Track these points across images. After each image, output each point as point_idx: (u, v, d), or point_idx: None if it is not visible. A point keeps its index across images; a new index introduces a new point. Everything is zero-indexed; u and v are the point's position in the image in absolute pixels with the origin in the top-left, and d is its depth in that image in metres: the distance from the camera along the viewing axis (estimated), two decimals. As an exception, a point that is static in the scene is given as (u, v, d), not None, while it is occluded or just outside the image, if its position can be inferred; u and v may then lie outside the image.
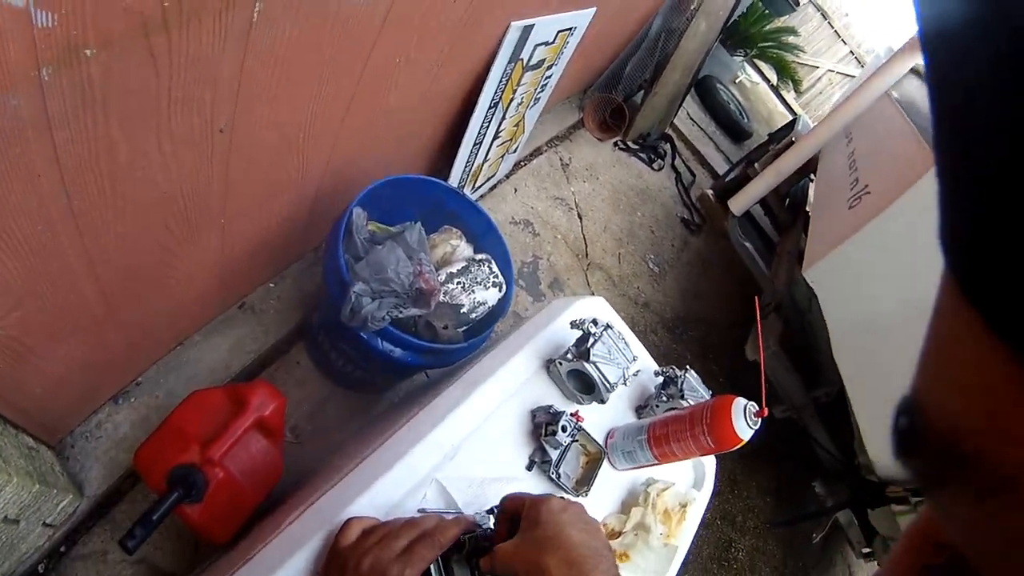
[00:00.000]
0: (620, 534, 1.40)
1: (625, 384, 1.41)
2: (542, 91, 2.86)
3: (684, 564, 1.47)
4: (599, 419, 1.48)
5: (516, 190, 3.36)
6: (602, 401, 1.40)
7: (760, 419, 1.23)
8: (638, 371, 1.46)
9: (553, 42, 2.52)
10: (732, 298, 4.13)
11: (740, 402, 1.23)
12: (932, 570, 0.39)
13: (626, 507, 1.45)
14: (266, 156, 1.61)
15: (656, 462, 1.38)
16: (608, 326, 1.41)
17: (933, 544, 0.39)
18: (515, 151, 3.16)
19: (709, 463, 1.68)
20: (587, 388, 1.39)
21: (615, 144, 4.34)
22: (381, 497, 1.09)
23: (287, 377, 2.32)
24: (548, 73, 2.76)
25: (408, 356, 1.83)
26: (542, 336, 1.47)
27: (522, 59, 2.34)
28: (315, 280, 2.47)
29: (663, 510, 1.46)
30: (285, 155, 1.69)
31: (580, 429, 1.37)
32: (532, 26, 2.22)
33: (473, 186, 2.93)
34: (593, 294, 2.48)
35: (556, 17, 2.39)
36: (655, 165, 4.57)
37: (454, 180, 2.62)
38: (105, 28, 0.88)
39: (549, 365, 1.43)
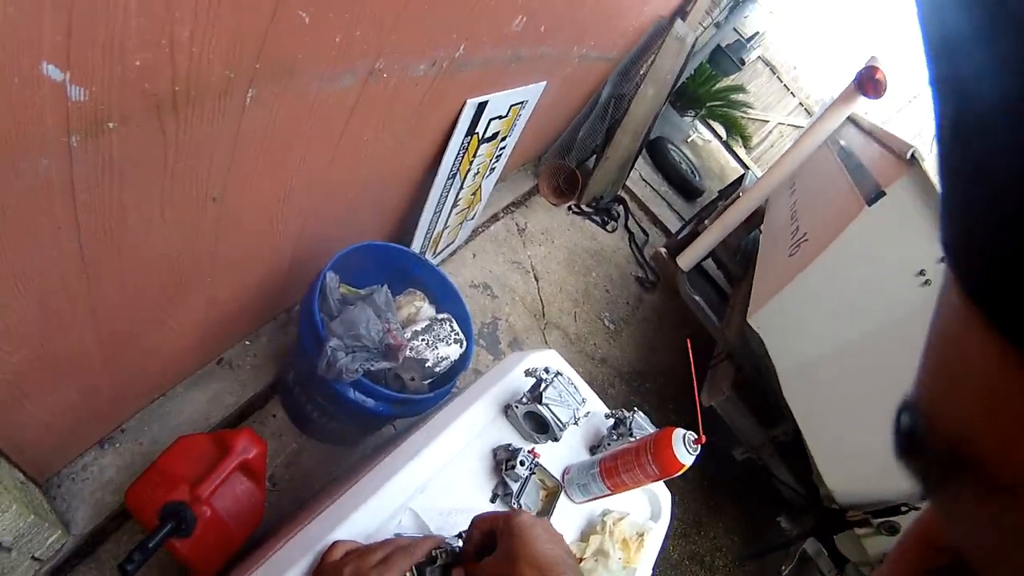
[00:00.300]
0: (581, 560, 1.52)
1: (576, 423, 1.55)
2: (497, 161, 2.99)
3: None
4: (556, 458, 1.62)
5: (475, 255, 3.50)
6: (555, 439, 1.54)
7: (699, 446, 1.36)
8: (588, 412, 1.60)
9: (506, 115, 2.67)
10: (687, 336, 4.19)
11: (679, 432, 1.37)
12: (933, 573, 0.39)
13: (585, 536, 1.57)
14: (250, 223, 1.76)
15: (609, 492, 1.51)
16: (559, 373, 1.56)
17: (934, 547, 0.40)
18: (473, 218, 3.29)
19: (664, 496, 1.83)
20: (542, 428, 1.54)
21: (569, 208, 4.48)
22: (359, 526, 1.20)
23: (263, 429, 2.43)
24: (502, 144, 2.90)
25: (379, 406, 1.98)
26: (500, 385, 1.62)
27: (477, 133, 2.48)
28: (289, 338, 2.60)
29: (621, 539, 1.59)
30: (266, 223, 1.84)
31: (537, 464, 1.51)
32: (486, 102, 2.37)
33: (434, 252, 3.06)
34: (550, 349, 2.59)
35: (509, 92, 2.54)
36: (608, 227, 4.72)
37: (416, 246, 2.76)
38: (127, 105, 1.04)
39: (507, 410, 1.58)
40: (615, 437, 1.68)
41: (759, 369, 2.96)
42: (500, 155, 2.98)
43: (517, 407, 1.53)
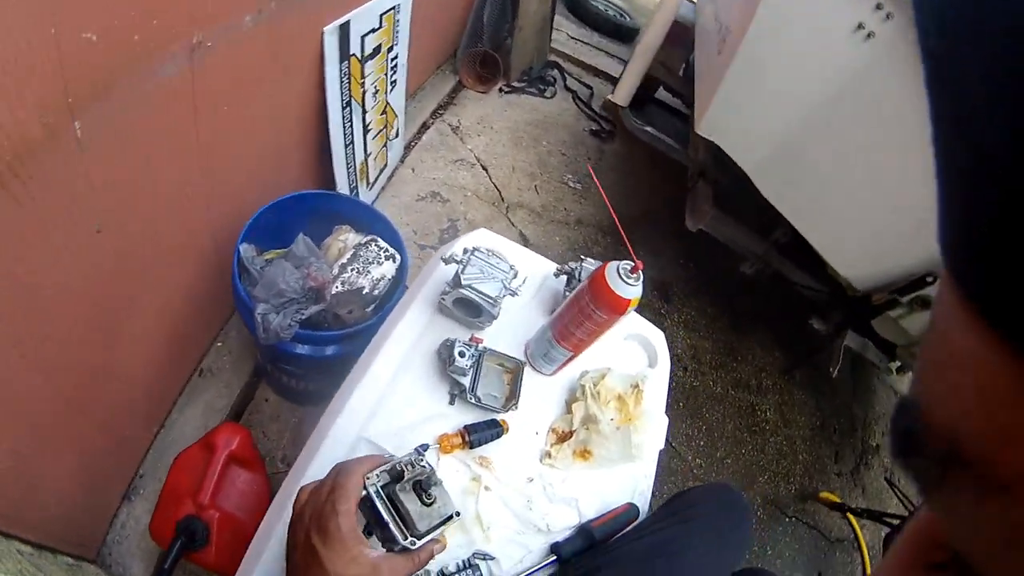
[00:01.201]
0: (571, 434, 1.49)
1: (514, 294, 1.49)
2: (395, 73, 2.90)
3: (667, 441, 1.55)
4: (515, 335, 1.58)
5: (414, 169, 3.43)
6: (493, 316, 1.48)
7: (638, 273, 1.28)
8: (524, 278, 1.54)
9: (381, 26, 2.56)
10: (664, 184, 4.16)
11: (612, 265, 1.29)
12: (934, 569, 0.39)
13: (570, 407, 1.53)
14: (152, 233, 1.72)
15: (573, 353, 1.46)
16: (475, 250, 1.49)
17: (935, 543, 0.40)
18: (397, 136, 3.21)
19: (655, 337, 1.80)
20: (476, 311, 1.48)
21: (500, 90, 4.38)
22: (322, 469, 1.14)
23: (261, 417, 2.44)
24: (392, 55, 2.80)
25: (329, 349, 2.00)
26: (428, 284, 1.57)
27: (354, 55, 2.40)
28: (249, 324, 2.56)
29: (614, 396, 1.55)
30: (171, 225, 1.81)
31: (485, 350, 1.47)
32: (347, 22, 2.27)
33: (367, 183, 3.00)
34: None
35: (371, 3, 2.43)
36: (547, 94, 4.60)
37: (342, 184, 2.70)
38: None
39: (440, 307, 1.52)
40: (567, 294, 1.59)
41: (735, 179, 2.86)
42: (395, 66, 2.88)
43: (444, 299, 1.48)
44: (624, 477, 1.52)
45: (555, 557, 1.34)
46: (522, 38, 4.39)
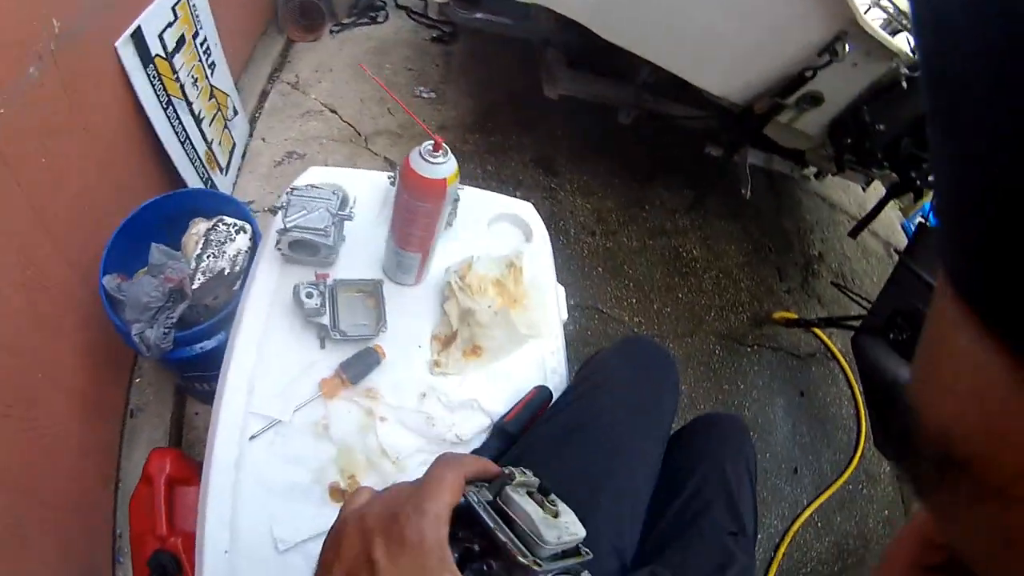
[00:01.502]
0: (455, 334, 1.42)
1: (348, 218, 1.43)
2: (209, 56, 2.76)
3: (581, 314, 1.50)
4: (371, 257, 1.51)
5: (264, 139, 3.31)
6: (331, 248, 1.40)
7: (442, 149, 1.21)
8: (353, 198, 1.48)
9: (176, 17, 2.43)
10: (518, 65, 4.04)
11: (414, 151, 1.21)
12: (931, 571, 0.39)
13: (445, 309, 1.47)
14: (22, 303, 1.67)
15: (421, 253, 1.39)
16: (293, 190, 1.40)
17: (932, 545, 0.40)
18: (236, 114, 3.08)
19: (523, 209, 1.74)
20: (315, 248, 1.40)
21: (331, 32, 4.22)
22: (225, 461, 1.18)
23: (198, 431, 2.40)
24: (200, 41, 2.66)
25: (210, 340, 1.96)
26: (269, 240, 1.47)
27: (157, 55, 2.28)
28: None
29: (490, 283, 1.49)
30: (28, 288, 1.72)
31: (336, 283, 1.39)
32: (138, 28, 2.15)
33: (221, 169, 2.89)
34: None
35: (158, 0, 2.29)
36: (379, 19, 4.44)
37: (193, 181, 2.59)
38: None
39: (285, 258, 1.44)
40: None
41: (581, 35, 2.78)
42: (208, 49, 2.74)
43: (280, 248, 1.40)
44: (528, 360, 1.46)
45: None
46: (337, -27, 4.24)
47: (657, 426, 1.35)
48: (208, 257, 1.98)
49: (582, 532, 0.79)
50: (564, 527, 0.76)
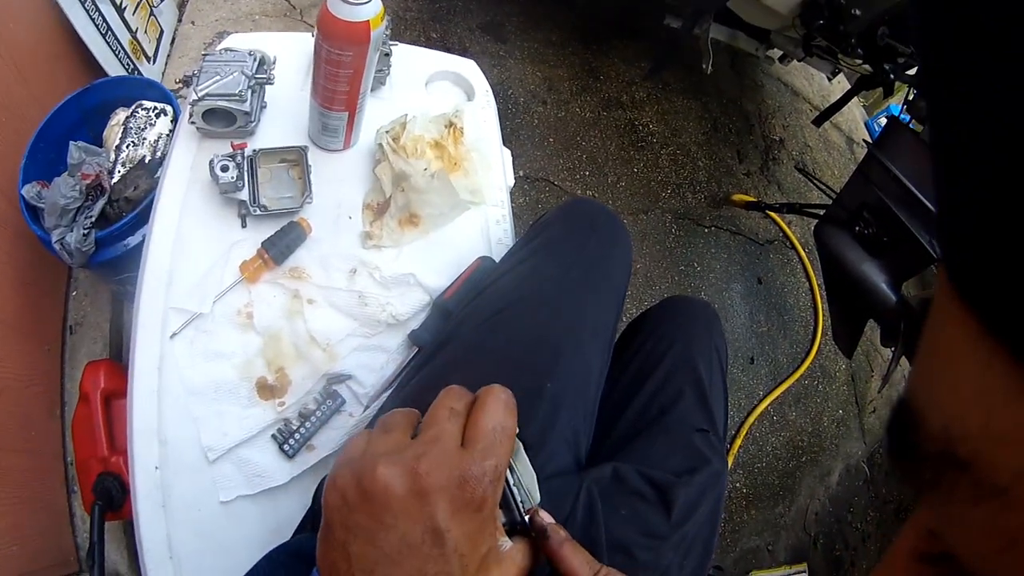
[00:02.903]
0: (389, 203, 1.32)
1: (268, 82, 1.30)
2: None
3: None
4: (297, 123, 1.38)
5: (194, 22, 3.12)
6: (247, 114, 1.27)
7: None
8: (272, 58, 1.33)
9: None
10: None
11: None
12: (929, 558, 0.37)
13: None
14: None
15: (347, 111, 1.26)
16: (205, 55, 1.28)
17: (932, 534, 0.37)
18: (162, 0, 2.89)
19: (467, 68, 1.62)
20: (231, 116, 1.27)
21: None
22: (147, 359, 1.11)
23: None
24: None
25: (135, 236, 1.82)
26: (184, 115, 1.33)
27: None
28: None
29: (427, 144, 1.37)
30: None
31: (256, 152, 1.26)
32: None
33: (149, 59, 2.74)
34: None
35: None
36: None
37: (115, 72, 2.44)
38: None
39: (201, 133, 1.31)
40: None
41: None
42: None
43: (194, 121, 1.26)
44: (470, 229, 1.37)
45: (417, 349, 1.19)
46: None
47: (609, 293, 1.23)
48: (128, 146, 1.87)
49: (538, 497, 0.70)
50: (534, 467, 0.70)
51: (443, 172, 1.31)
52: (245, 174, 1.20)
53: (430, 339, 1.17)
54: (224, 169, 1.17)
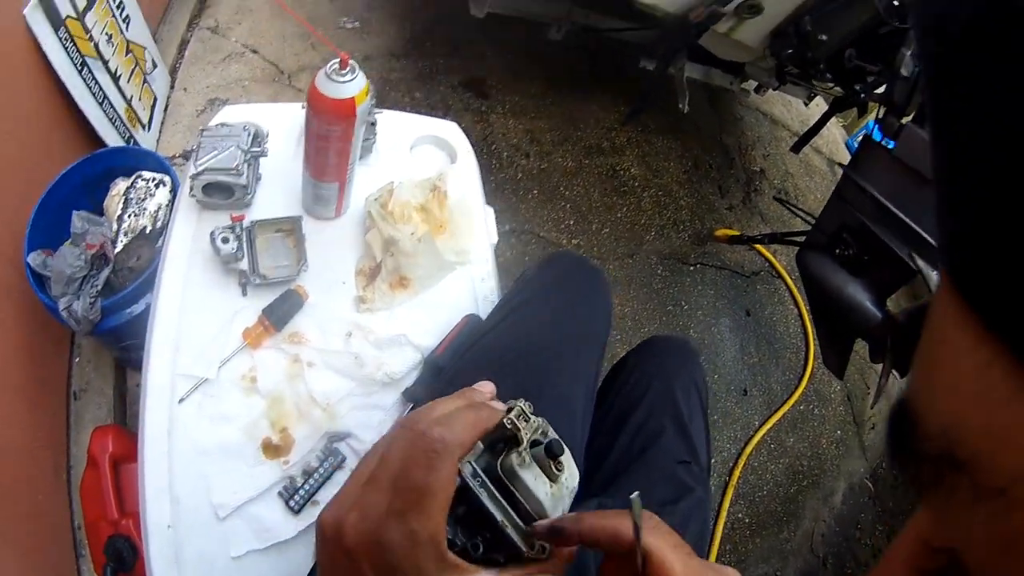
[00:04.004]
0: (380, 267, 1.37)
1: (262, 155, 1.37)
2: (123, 10, 2.64)
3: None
4: (292, 193, 1.45)
5: (186, 89, 3.19)
6: (245, 187, 1.34)
7: (348, 65, 1.14)
8: (266, 133, 1.39)
9: None
10: None
11: (320, 72, 1.15)
12: (928, 573, 0.39)
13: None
14: None
15: (337, 181, 1.33)
16: (203, 130, 1.35)
17: (931, 550, 0.40)
18: (155, 67, 2.97)
19: (449, 131, 1.68)
20: (230, 189, 1.34)
21: (252, -32, 4.08)
22: (155, 432, 1.15)
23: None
24: None
25: (138, 304, 1.85)
26: (184, 187, 1.40)
27: (68, 16, 2.19)
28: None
29: (414, 208, 1.44)
30: None
31: (253, 224, 1.32)
32: None
33: (144, 126, 2.80)
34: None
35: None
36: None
37: (115, 141, 2.50)
38: None
39: (201, 204, 1.38)
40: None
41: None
42: (121, 4, 2.61)
43: (195, 194, 1.33)
44: (458, 288, 1.43)
45: (412, 404, 1.25)
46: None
47: (590, 342, 1.29)
48: (129, 216, 1.92)
49: (577, 475, 0.73)
50: (566, 488, 0.71)
51: (429, 235, 1.38)
52: (244, 245, 1.27)
53: (423, 395, 1.23)
54: (225, 241, 1.24)
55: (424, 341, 1.32)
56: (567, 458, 0.71)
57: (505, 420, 0.67)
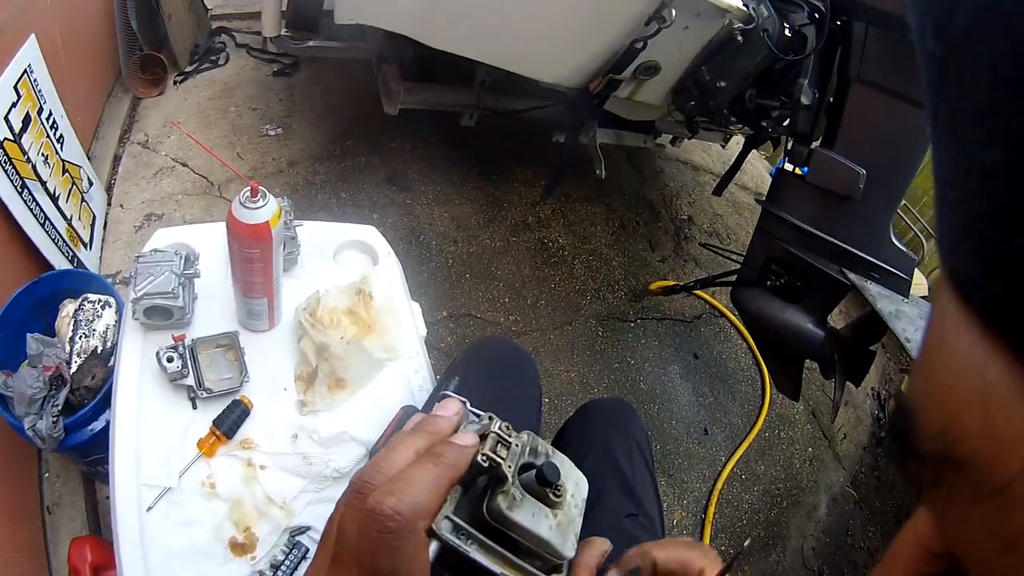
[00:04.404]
0: (316, 372, 1.45)
1: (196, 276, 1.45)
2: (57, 130, 2.73)
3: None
4: (229, 308, 1.52)
5: (123, 206, 3.27)
6: (182, 308, 1.41)
7: (259, 192, 1.23)
8: (198, 255, 1.48)
9: (19, 96, 2.41)
10: (359, 87, 4.05)
11: (235, 200, 1.24)
12: None
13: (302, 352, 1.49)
14: None
15: (266, 296, 1.42)
16: (138, 257, 1.42)
17: (928, 553, 0.40)
18: (91, 185, 3.04)
19: (368, 234, 1.77)
20: (169, 312, 1.41)
21: (175, 83, 4.16)
22: (129, 543, 1.20)
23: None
24: (46, 116, 2.64)
25: (99, 421, 1.94)
26: (128, 307, 1.46)
27: (5, 139, 2.26)
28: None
29: (341, 314, 1.53)
30: None
31: (195, 342, 1.41)
32: None
33: (85, 245, 2.86)
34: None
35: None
36: (220, 61, 4.40)
37: (60, 262, 2.57)
38: None
39: (144, 326, 1.45)
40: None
41: (411, 46, 2.82)
42: (54, 123, 2.71)
43: (137, 318, 1.41)
44: (393, 383, 1.51)
45: None
46: (176, 24, 4.15)
47: (522, 420, 1.27)
48: (80, 338, 1.99)
49: (584, 484, 0.70)
50: (574, 507, 0.66)
51: (356, 338, 1.48)
52: (188, 362, 1.35)
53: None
54: (169, 360, 1.33)
55: (366, 435, 1.40)
56: (567, 470, 0.67)
57: (480, 457, 0.61)
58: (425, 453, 0.62)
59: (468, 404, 0.71)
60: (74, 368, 1.93)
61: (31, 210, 2.40)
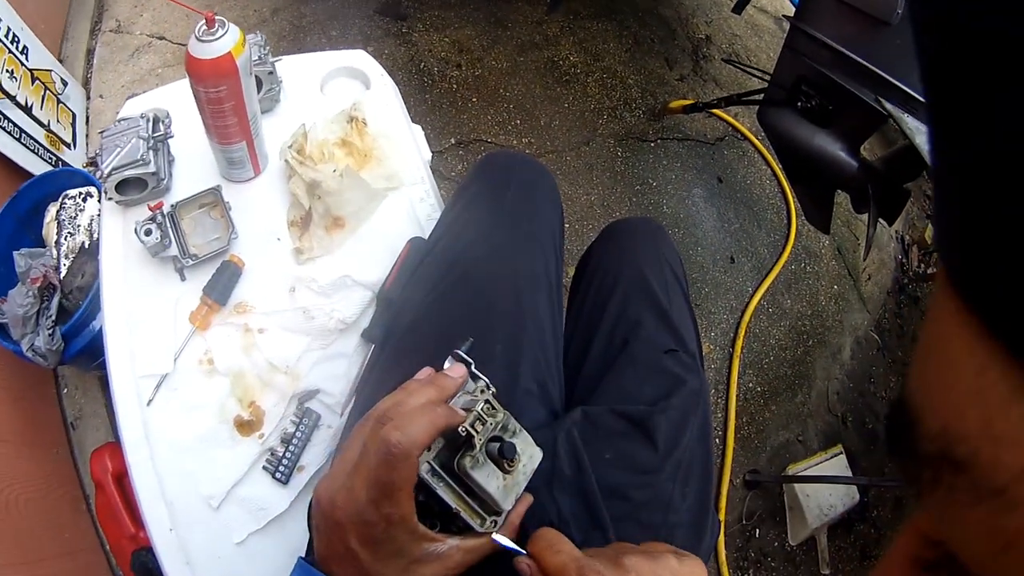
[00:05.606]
0: (310, 214, 1.33)
1: (168, 137, 1.34)
2: (18, 43, 2.58)
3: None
4: (211, 168, 1.41)
5: (102, 96, 3.15)
6: (156, 174, 1.30)
7: (214, 24, 1.09)
8: (167, 115, 1.36)
9: None
10: None
11: (191, 36, 1.10)
12: (927, 565, 0.38)
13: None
14: None
15: (243, 139, 1.29)
16: (103, 131, 1.32)
17: (931, 541, 0.39)
18: (66, 86, 2.93)
19: (358, 59, 1.62)
20: (144, 183, 1.31)
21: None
22: (134, 436, 1.16)
23: None
24: (5, 34, 2.49)
25: (96, 323, 1.86)
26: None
27: None
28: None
29: (334, 147, 1.41)
30: None
31: (174, 206, 1.29)
32: None
33: (69, 145, 2.79)
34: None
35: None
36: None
37: (39, 168, 2.44)
38: None
39: (124, 204, 1.35)
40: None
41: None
42: (14, 37, 2.57)
43: (111, 196, 1.30)
44: (396, 214, 1.40)
45: (373, 344, 1.22)
46: None
47: (539, 240, 1.22)
48: (66, 238, 1.91)
49: (538, 456, 0.85)
50: (522, 473, 0.82)
51: (351, 169, 1.33)
52: (169, 231, 1.23)
53: (381, 333, 1.20)
54: (148, 233, 1.20)
55: (371, 276, 1.28)
56: (524, 444, 0.83)
57: (461, 429, 0.77)
58: (427, 403, 0.77)
59: (473, 366, 0.88)
60: (64, 271, 1.87)
61: (3, 128, 2.33)
